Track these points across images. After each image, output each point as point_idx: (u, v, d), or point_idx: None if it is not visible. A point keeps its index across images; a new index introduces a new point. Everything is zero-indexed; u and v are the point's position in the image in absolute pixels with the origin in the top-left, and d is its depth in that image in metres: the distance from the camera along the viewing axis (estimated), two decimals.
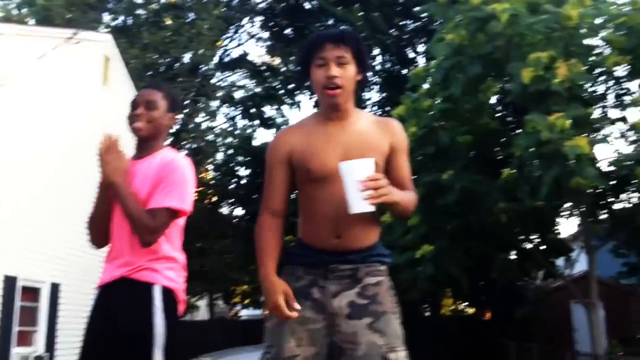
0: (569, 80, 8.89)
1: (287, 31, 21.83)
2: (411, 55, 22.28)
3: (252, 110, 23.15)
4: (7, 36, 9.31)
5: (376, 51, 21.66)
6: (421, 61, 21.08)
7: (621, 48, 9.14)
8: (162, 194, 2.31)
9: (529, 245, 14.57)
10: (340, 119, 2.06)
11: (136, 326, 2.25)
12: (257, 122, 23.42)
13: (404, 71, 20.92)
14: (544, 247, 15.27)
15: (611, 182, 9.94)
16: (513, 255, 16.13)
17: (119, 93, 12.96)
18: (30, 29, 10.61)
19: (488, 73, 10.52)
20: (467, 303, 24.09)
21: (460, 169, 11.29)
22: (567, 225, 59.78)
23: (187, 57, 18.72)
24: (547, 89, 9.10)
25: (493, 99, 13.28)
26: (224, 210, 23.57)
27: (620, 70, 9.74)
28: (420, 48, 21.57)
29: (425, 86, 11.82)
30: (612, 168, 10.22)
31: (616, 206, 11.66)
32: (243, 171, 23.30)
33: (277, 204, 2.10)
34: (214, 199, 23.11)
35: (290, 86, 22.88)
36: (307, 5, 20.02)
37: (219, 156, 23.65)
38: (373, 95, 23.21)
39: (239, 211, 23.34)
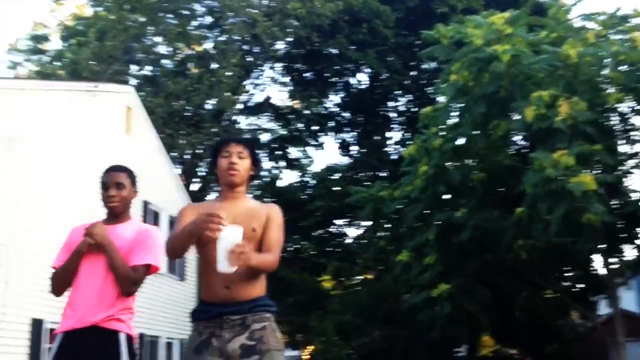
0: (571, 118, 8.95)
1: (307, 75, 22.35)
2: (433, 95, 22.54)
3: (278, 152, 23.63)
4: (31, 91, 9.88)
5: (397, 92, 22.03)
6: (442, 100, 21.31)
7: (622, 85, 9.19)
8: (142, 253, 2.84)
9: (567, 283, 14.42)
10: (234, 198, 2.60)
11: None
12: (282, 163, 23.84)
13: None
14: (582, 285, 14.99)
15: (623, 218, 9.83)
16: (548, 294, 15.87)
17: (141, 141, 13.49)
18: (54, 84, 11.22)
19: (494, 112, 10.64)
20: (507, 343, 23.49)
21: (475, 206, 11.33)
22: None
23: (210, 104, 19.38)
24: (551, 127, 9.17)
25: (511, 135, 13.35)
26: None
27: (625, 107, 9.75)
28: None
29: (435, 126, 11.97)
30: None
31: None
32: None
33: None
34: None
35: (314, 128, 23.32)
36: (324, 50, 20.50)
37: None
38: (395, 135, 23.48)
39: None
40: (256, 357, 2.38)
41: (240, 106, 21.68)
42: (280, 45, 20.97)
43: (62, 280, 2.86)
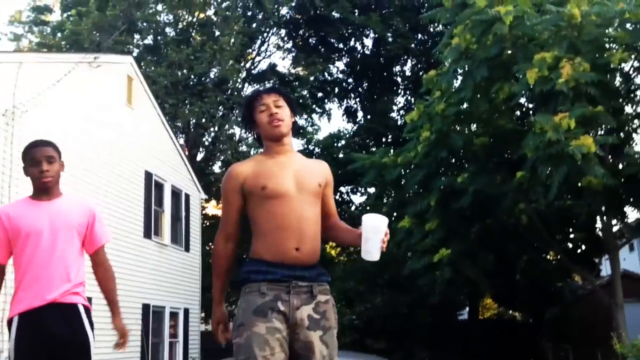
0: (573, 80, 8.81)
1: (311, 41, 22.13)
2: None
3: None
4: (31, 64, 9.86)
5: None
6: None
7: (626, 44, 9.01)
8: (100, 235, 2.97)
9: (569, 245, 14.43)
10: (286, 152, 2.44)
11: (75, 337, 2.78)
12: None
13: None
14: (583, 247, 14.99)
15: (624, 180, 9.76)
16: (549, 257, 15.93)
17: (143, 112, 13.48)
18: (53, 56, 11.17)
19: (496, 75, 10.49)
20: (508, 306, 23.76)
21: (477, 171, 11.30)
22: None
23: (214, 72, 19.25)
24: (552, 89, 9.05)
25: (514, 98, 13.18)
26: None
27: (629, 67, 9.58)
28: None
29: (438, 90, 11.84)
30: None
31: None
32: None
33: (232, 228, 2.43)
34: None
35: (319, 95, 23.18)
36: (328, 15, 20.24)
37: None
38: (401, 100, 23.31)
39: None
40: (320, 333, 2.30)
41: (244, 74, 21.55)
42: (283, 11, 20.74)
43: None
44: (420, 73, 22.12)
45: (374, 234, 2.27)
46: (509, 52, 10.34)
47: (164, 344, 13.36)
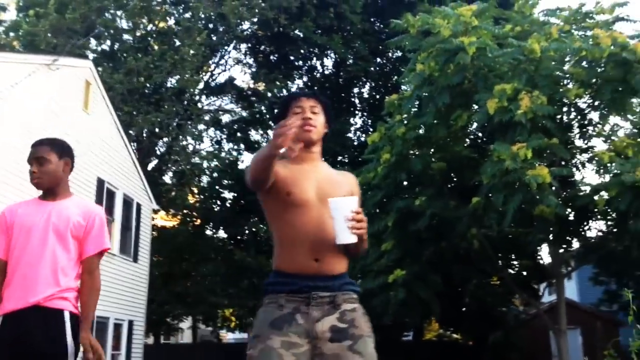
0: (531, 112, 9.16)
1: (272, 57, 22.20)
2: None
3: (238, 134, 23.45)
4: None
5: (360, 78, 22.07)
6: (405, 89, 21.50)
7: (582, 80, 9.45)
8: (98, 239, 2.82)
9: (511, 271, 14.84)
10: (312, 160, 2.36)
11: (52, 348, 2.61)
12: (242, 146, 23.67)
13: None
14: (525, 273, 15.46)
15: (573, 211, 10.16)
16: (495, 281, 16.34)
17: (99, 118, 13.19)
18: (10, 56, 10.83)
19: (457, 103, 10.79)
20: (452, 328, 24.23)
21: (434, 195, 11.52)
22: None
23: (172, 82, 19.04)
24: (511, 120, 9.37)
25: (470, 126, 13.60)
26: (208, 232, 23.68)
27: (582, 103, 10.05)
28: None
29: (399, 114, 12.07)
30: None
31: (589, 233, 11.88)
32: (228, 194, 23.50)
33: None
34: (198, 222, 23.21)
35: (276, 111, 23.21)
36: (290, 33, 20.40)
37: (204, 179, 23.90)
38: (357, 120, 23.61)
39: (222, 234, 23.45)
40: (349, 343, 2.14)
41: (201, 86, 21.40)
42: (246, 26, 20.75)
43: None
44: (378, 96, 22.60)
45: (336, 213, 2.12)
46: (470, 81, 10.66)
47: (105, 357, 12.96)
